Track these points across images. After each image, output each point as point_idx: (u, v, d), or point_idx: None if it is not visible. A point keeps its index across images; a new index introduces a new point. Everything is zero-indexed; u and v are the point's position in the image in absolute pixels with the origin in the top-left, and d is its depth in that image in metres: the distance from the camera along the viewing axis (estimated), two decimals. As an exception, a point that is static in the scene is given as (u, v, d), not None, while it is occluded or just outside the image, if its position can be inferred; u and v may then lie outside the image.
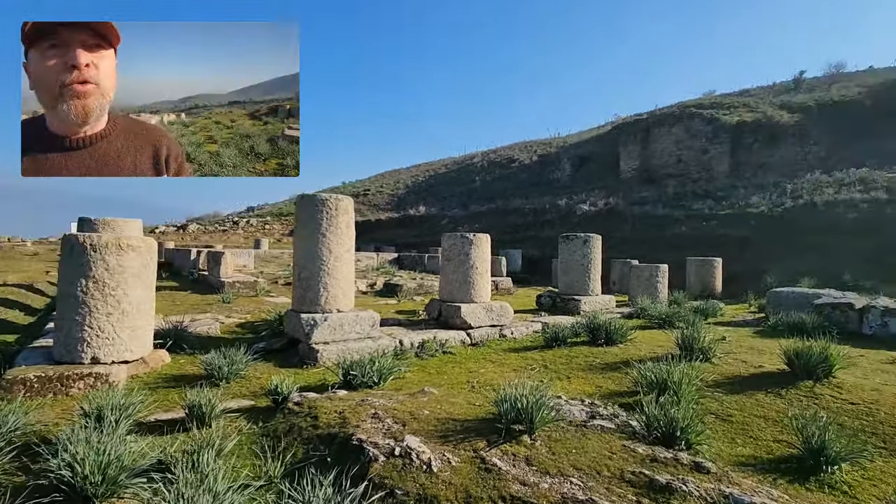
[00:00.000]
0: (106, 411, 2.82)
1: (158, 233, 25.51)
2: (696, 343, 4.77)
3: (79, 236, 3.93)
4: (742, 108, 23.60)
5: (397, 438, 2.57)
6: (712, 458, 2.78)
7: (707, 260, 11.67)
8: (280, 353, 5.14)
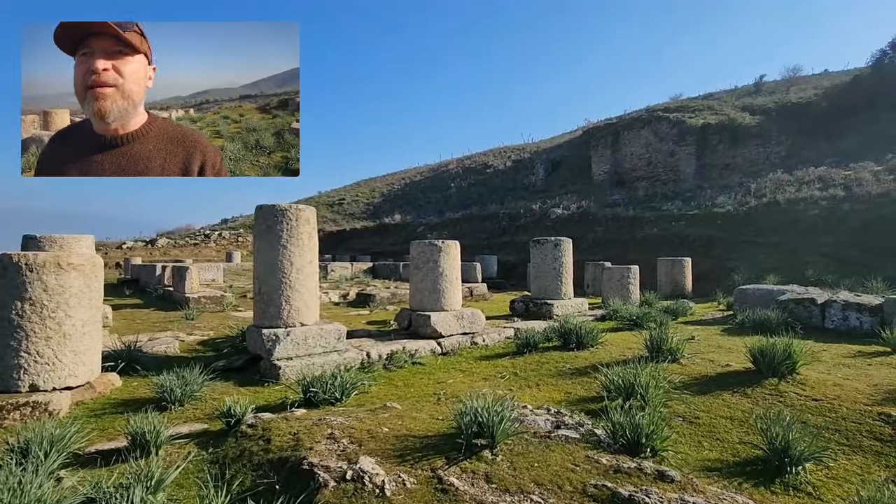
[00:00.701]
0: (33, 444, 2.59)
1: (126, 248, 24.61)
2: (665, 344, 4.77)
3: (13, 255, 3.67)
4: (707, 111, 24.29)
5: (351, 460, 2.43)
6: (678, 464, 2.73)
7: (677, 260, 11.85)
8: (241, 370, 4.92)
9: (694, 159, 22.37)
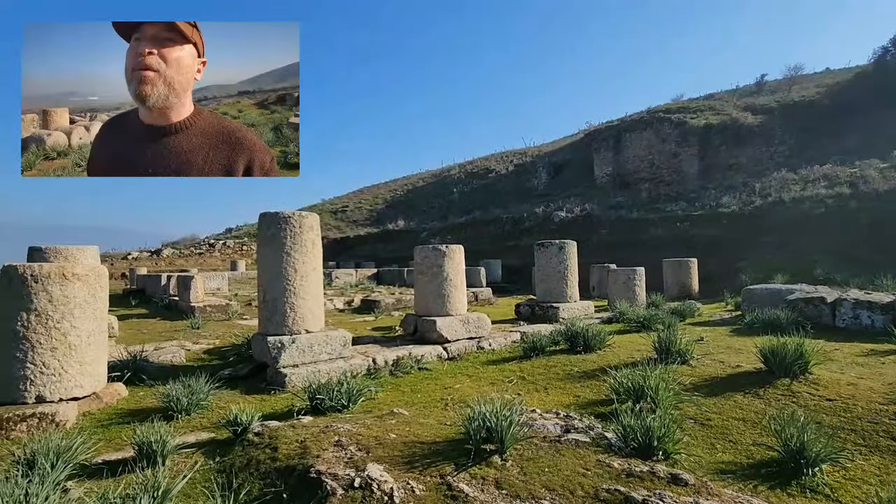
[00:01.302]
0: (39, 456, 2.57)
1: (131, 259, 24.74)
2: (674, 346, 4.71)
3: (18, 267, 3.67)
4: (708, 112, 24.23)
5: (359, 468, 2.40)
6: (691, 467, 2.68)
7: (683, 261, 11.78)
8: (247, 379, 4.90)
9: (697, 160, 22.29)
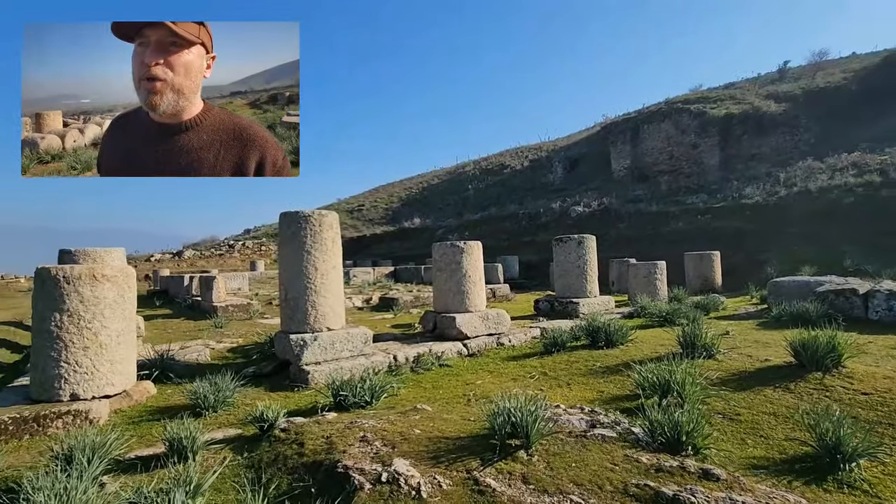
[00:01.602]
0: (77, 452, 2.65)
1: (154, 261, 25.32)
2: (699, 340, 4.62)
3: (51, 269, 3.79)
4: (729, 101, 23.68)
5: (385, 463, 2.41)
6: (722, 462, 2.62)
7: (705, 254, 11.55)
8: (270, 376, 4.97)
9: (718, 151, 21.81)
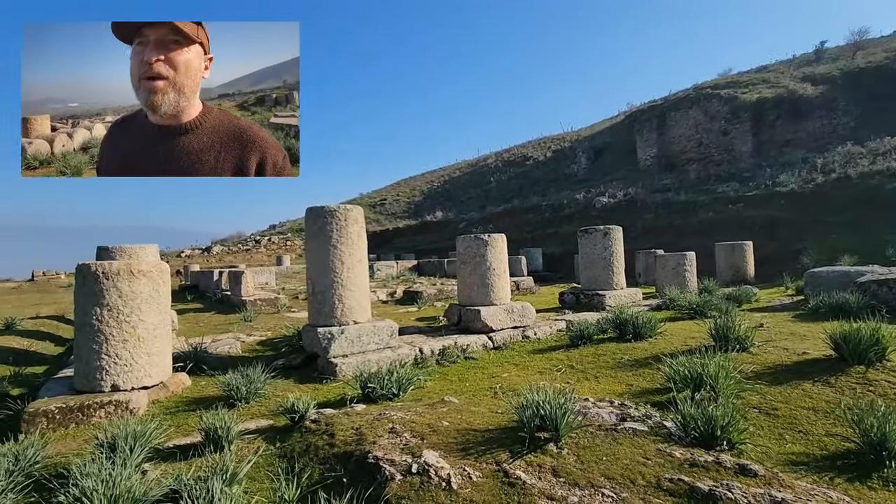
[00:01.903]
0: (120, 440, 2.77)
1: (184, 256, 26.08)
2: (732, 332, 4.50)
3: (91, 265, 3.94)
4: (762, 85, 22.80)
5: (415, 454, 2.43)
6: (759, 458, 2.55)
7: (737, 244, 11.19)
8: (299, 368, 5.07)
9: (750, 137, 21.05)
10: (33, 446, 2.90)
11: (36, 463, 2.81)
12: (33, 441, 2.99)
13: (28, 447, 2.88)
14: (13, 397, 4.44)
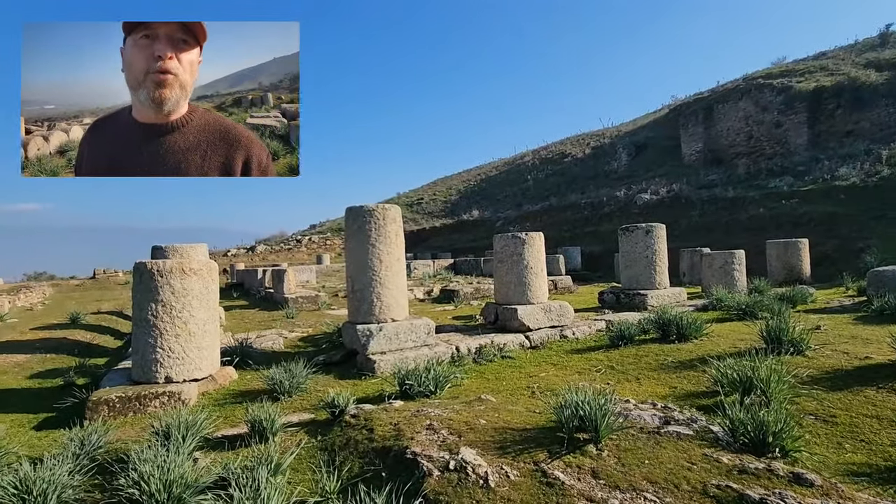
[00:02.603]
0: (173, 429, 2.92)
1: (230, 255, 27.21)
2: (785, 334, 4.26)
3: (147, 263, 4.18)
4: (820, 73, 21.43)
5: (452, 451, 2.44)
6: (815, 467, 2.41)
7: (791, 242, 10.58)
8: (339, 364, 5.19)
9: (805, 128, 19.82)
10: (96, 432, 3.11)
11: (99, 448, 3.01)
12: (96, 427, 3.20)
13: (92, 433, 3.09)
14: (79, 386, 4.78)
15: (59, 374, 5.59)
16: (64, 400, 4.32)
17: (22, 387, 5.37)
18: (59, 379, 5.35)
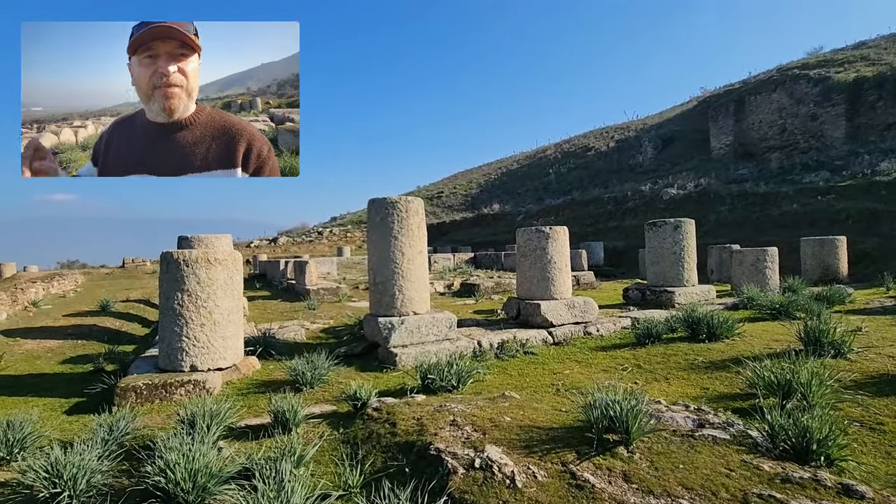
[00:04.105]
0: (198, 418, 2.94)
1: (253, 247, 27.66)
2: (826, 335, 4.06)
3: (173, 253, 4.22)
4: (860, 63, 20.48)
5: (477, 448, 2.38)
6: (864, 478, 2.26)
7: (827, 239, 10.15)
8: (360, 357, 5.19)
9: (844, 121, 18.98)
10: (124, 418, 3.15)
11: (126, 434, 3.05)
12: (124, 414, 3.25)
13: (120, 419, 3.13)
14: (108, 373, 4.89)
15: (89, 359, 5.74)
16: (94, 385, 4.43)
17: (55, 371, 5.54)
18: (89, 365, 5.49)
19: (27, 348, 6.53)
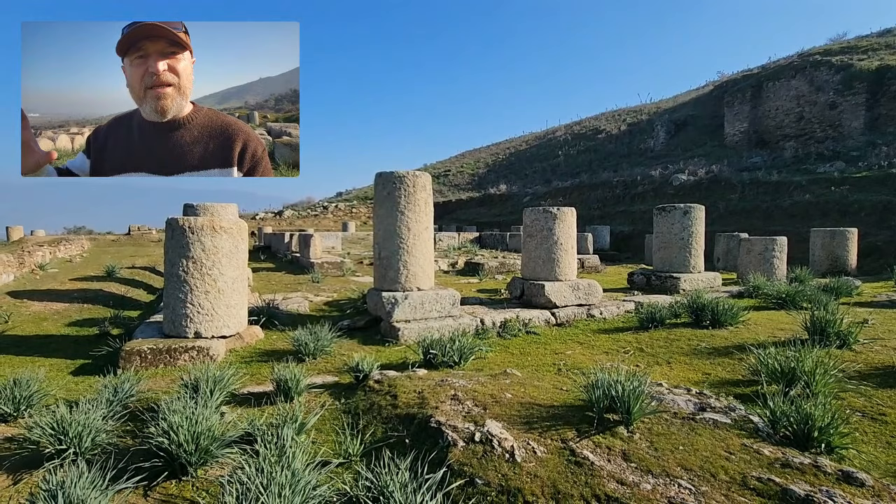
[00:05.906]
0: (202, 383, 2.96)
1: (258, 219, 27.67)
2: (832, 326, 4.03)
3: (179, 219, 4.21)
4: (884, 51, 19.87)
5: (478, 423, 2.39)
6: (864, 466, 2.26)
7: (837, 231, 10.01)
8: (363, 330, 5.21)
9: (863, 111, 18.51)
10: (129, 381, 3.19)
11: (131, 396, 3.09)
12: (129, 376, 3.29)
13: (125, 381, 3.17)
14: (113, 336, 4.94)
15: (94, 323, 5.80)
16: (99, 348, 4.48)
17: (61, 333, 5.61)
18: (94, 328, 5.55)
19: (34, 310, 6.61)
